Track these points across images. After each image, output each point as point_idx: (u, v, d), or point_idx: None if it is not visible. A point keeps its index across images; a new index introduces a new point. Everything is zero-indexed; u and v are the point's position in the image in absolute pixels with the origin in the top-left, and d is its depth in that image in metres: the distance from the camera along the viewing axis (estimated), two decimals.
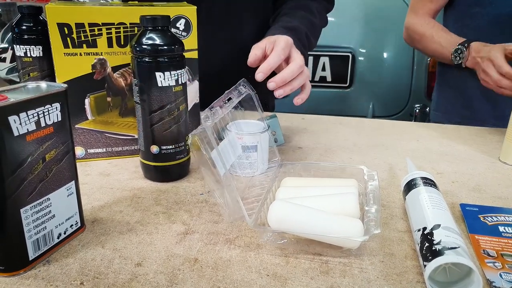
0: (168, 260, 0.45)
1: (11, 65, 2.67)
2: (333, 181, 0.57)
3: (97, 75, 0.66)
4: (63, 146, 0.45)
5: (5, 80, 2.82)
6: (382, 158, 0.74)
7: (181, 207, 0.56)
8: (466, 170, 0.69)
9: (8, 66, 2.66)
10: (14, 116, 0.39)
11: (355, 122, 0.95)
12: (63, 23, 0.62)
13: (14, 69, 2.70)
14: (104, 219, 0.53)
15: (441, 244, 0.40)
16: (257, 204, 0.52)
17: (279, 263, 0.45)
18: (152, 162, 0.62)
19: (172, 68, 0.58)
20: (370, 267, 0.44)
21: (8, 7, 3.01)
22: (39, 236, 0.44)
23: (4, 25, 2.82)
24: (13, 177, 0.40)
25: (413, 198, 0.52)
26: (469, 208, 0.55)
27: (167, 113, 0.59)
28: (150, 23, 0.57)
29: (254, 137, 0.64)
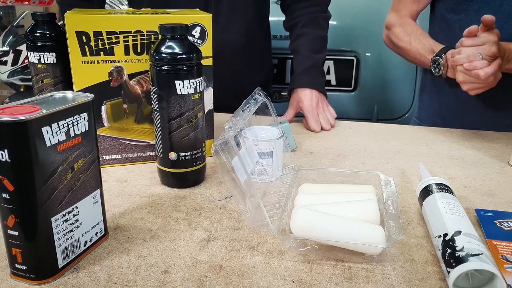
0: (193, 267, 0.46)
1: (12, 68, 2.66)
2: (351, 188, 0.58)
3: (113, 83, 0.67)
4: (89, 155, 0.46)
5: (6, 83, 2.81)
6: (394, 163, 0.75)
7: (201, 213, 0.57)
8: (477, 175, 0.71)
9: (9, 69, 2.65)
10: (47, 127, 0.40)
11: (364, 127, 0.96)
12: (81, 32, 0.63)
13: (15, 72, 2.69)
14: (126, 226, 0.54)
15: (464, 250, 0.41)
16: (277, 211, 0.53)
17: (303, 269, 0.46)
18: (170, 169, 0.63)
19: (191, 77, 0.58)
20: (392, 272, 0.45)
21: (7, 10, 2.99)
22: (68, 244, 0.44)
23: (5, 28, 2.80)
24: (45, 187, 0.40)
25: (430, 204, 0.53)
26: (485, 213, 0.56)
27: (185, 120, 0.60)
28: (170, 32, 0.58)
29: (269, 144, 0.65)
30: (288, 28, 1.04)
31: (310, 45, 0.98)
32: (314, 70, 0.97)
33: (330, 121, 0.93)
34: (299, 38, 0.99)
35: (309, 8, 1.01)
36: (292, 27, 1.02)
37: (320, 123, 0.92)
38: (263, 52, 1.11)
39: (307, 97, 0.94)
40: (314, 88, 0.95)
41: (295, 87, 0.96)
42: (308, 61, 0.96)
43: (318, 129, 0.91)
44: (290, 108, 0.97)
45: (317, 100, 0.94)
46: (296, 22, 1.00)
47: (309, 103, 0.93)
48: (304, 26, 0.99)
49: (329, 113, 0.94)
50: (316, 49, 0.98)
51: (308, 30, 0.99)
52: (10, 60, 2.36)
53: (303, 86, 0.95)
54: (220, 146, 0.49)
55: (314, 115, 0.92)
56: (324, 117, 0.93)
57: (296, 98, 0.96)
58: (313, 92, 0.94)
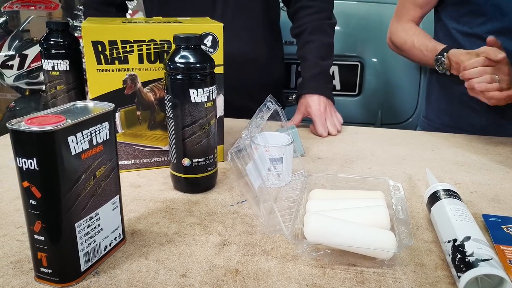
0: (210, 271, 0.47)
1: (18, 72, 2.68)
2: (361, 193, 0.59)
3: (127, 90, 0.69)
4: (110, 163, 0.47)
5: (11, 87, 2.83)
6: (401, 168, 0.77)
7: (214, 218, 0.59)
8: (483, 181, 0.72)
9: (15, 73, 2.67)
10: (72, 136, 0.41)
11: (370, 132, 0.98)
12: (97, 41, 0.65)
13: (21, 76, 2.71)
14: (143, 230, 0.55)
15: (474, 256, 0.43)
16: (289, 217, 0.54)
17: (316, 273, 0.47)
18: (183, 174, 0.64)
19: (204, 85, 0.60)
20: (403, 277, 0.47)
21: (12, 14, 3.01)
22: (90, 249, 0.46)
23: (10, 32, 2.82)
24: (70, 193, 0.42)
25: (438, 210, 0.54)
26: (492, 219, 0.57)
27: (198, 127, 0.61)
28: (184, 42, 0.59)
29: (280, 150, 0.66)
30: (295, 35, 1.06)
31: (317, 52, 0.99)
32: (322, 77, 0.99)
33: (337, 127, 0.95)
34: (306, 45, 1.01)
35: (315, 15, 1.03)
36: (299, 34, 1.04)
37: (327, 128, 0.93)
38: (273, 58, 1.13)
39: (315, 102, 0.95)
40: (322, 94, 0.96)
41: (303, 93, 0.98)
42: (316, 68, 0.98)
43: (325, 134, 0.93)
44: (298, 113, 0.99)
45: (324, 106, 0.95)
46: (303, 29, 1.02)
47: (317, 108, 0.94)
48: (310, 33, 1.01)
49: (336, 119, 0.96)
50: (323, 56, 1.00)
51: (314, 37, 1.00)
52: (16, 64, 2.39)
53: (311, 92, 0.97)
54: (235, 153, 0.50)
55: (322, 120, 0.93)
56: (331, 122, 0.94)
57: (304, 104, 0.97)
58: (321, 98, 0.96)
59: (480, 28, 0.91)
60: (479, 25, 0.91)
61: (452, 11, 0.97)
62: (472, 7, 0.91)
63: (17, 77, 2.42)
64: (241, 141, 0.50)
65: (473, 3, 0.91)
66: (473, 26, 0.92)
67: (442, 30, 1.02)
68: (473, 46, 0.88)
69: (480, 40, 0.91)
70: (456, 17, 0.96)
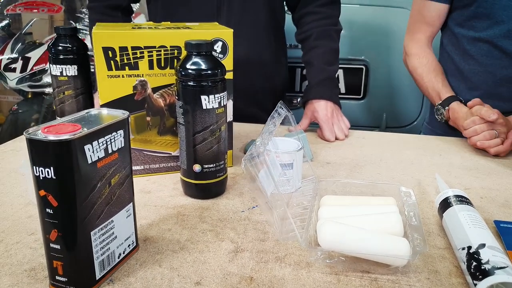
0: (225, 279, 0.47)
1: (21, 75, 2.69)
2: (373, 200, 0.59)
3: (137, 96, 0.69)
4: (124, 170, 0.47)
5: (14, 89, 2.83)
6: (409, 173, 0.77)
7: (226, 224, 0.59)
8: (492, 186, 0.72)
9: (18, 76, 2.67)
10: (89, 145, 0.41)
11: (378, 136, 0.98)
12: (107, 47, 0.65)
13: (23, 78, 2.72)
14: (155, 237, 0.55)
15: (490, 263, 0.43)
16: (301, 224, 0.54)
17: (331, 281, 0.47)
18: (194, 180, 0.64)
19: (215, 91, 0.60)
20: (417, 284, 0.47)
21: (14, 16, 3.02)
22: (104, 257, 0.46)
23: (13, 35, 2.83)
24: (86, 202, 0.42)
25: (451, 216, 0.54)
26: (504, 225, 0.57)
27: (209, 133, 0.62)
28: (195, 48, 0.59)
29: (290, 155, 0.66)
30: (300, 41, 1.06)
31: (323, 58, 1.00)
32: (328, 82, 0.99)
33: (345, 131, 0.95)
34: (312, 51, 1.01)
35: (321, 21, 1.03)
36: (305, 40, 1.04)
37: (334, 133, 0.93)
38: (277, 62, 1.13)
39: (322, 107, 0.96)
40: (329, 100, 0.97)
41: (310, 98, 0.98)
42: (322, 73, 0.98)
43: (333, 139, 0.93)
44: (305, 118, 0.99)
45: (331, 111, 0.95)
46: (308, 35, 1.02)
47: (324, 113, 0.95)
48: (317, 38, 1.01)
49: (343, 123, 0.96)
50: (330, 62, 1.00)
51: (321, 43, 1.01)
52: (19, 67, 2.39)
53: (318, 98, 0.97)
54: (249, 160, 0.50)
55: (329, 125, 0.93)
56: (338, 127, 0.94)
57: (311, 109, 0.98)
58: (328, 103, 0.96)
59: (485, 32, 0.91)
60: (484, 29, 0.92)
61: (457, 16, 0.97)
62: (477, 10, 0.91)
63: (19, 80, 2.43)
64: (255, 149, 0.51)
65: (478, 6, 0.91)
66: (478, 30, 0.93)
67: (447, 36, 1.02)
68: (478, 51, 0.88)
69: (486, 44, 0.91)
70: (461, 22, 0.96)
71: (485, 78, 0.94)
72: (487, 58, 0.93)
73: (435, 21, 1.01)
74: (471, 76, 0.96)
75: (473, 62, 0.95)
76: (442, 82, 0.96)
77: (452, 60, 1.00)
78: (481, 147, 0.83)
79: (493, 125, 0.82)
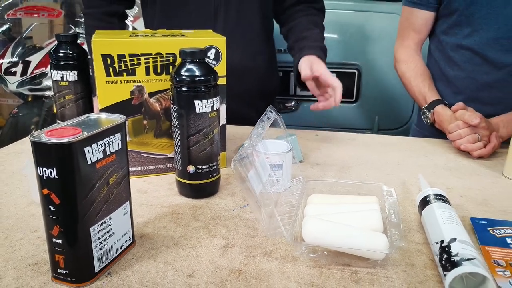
0: (215, 272, 0.51)
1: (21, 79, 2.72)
2: (356, 198, 0.63)
3: (135, 101, 0.72)
4: (121, 171, 0.51)
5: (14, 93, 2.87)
6: (395, 174, 0.80)
7: (218, 222, 0.62)
8: (473, 185, 0.76)
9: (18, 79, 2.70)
10: (88, 147, 0.45)
11: (367, 138, 1.01)
12: (106, 55, 0.68)
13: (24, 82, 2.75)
14: (151, 234, 0.59)
15: (459, 256, 0.46)
16: (288, 221, 0.58)
17: (314, 273, 0.51)
18: (188, 181, 0.68)
19: (208, 96, 0.64)
20: (394, 276, 0.50)
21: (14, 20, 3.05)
22: (103, 251, 0.49)
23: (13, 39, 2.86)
24: (85, 200, 0.45)
25: (429, 213, 0.58)
26: (479, 221, 0.61)
27: (203, 136, 0.65)
28: (189, 56, 0.63)
29: (279, 157, 0.70)
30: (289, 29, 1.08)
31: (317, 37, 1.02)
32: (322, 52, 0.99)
33: None
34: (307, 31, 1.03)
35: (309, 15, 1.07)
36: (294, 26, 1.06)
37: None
38: (270, 68, 1.17)
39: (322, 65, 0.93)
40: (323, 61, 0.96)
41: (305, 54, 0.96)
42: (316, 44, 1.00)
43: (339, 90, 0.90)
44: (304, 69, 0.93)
45: None
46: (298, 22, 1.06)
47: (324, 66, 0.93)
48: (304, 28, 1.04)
49: None
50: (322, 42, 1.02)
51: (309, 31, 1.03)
52: (19, 71, 2.42)
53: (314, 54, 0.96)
54: (238, 161, 0.54)
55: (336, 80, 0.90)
56: None
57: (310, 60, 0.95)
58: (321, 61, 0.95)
59: (467, 39, 0.95)
60: (466, 37, 0.96)
61: (442, 24, 1.01)
62: (459, 18, 0.95)
63: (20, 83, 2.46)
64: (244, 150, 0.54)
65: (460, 14, 0.95)
66: (460, 37, 0.97)
67: (434, 42, 1.06)
68: (461, 58, 0.92)
69: (468, 51, 0.95)
70: (445, 29, 1.00)
71: (468, 83, 0.98)
72: (469, 65, 0.97)
73: (422, 28, 1.04)
74: (455, 81, 1.00)
75: (456, 68, 0.99)
76: (429, 87, 1.00)
77: (439, 66, 1.04)
78: (465, 150, 0.87)
79: (476, 129, 0.85)
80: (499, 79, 0.94)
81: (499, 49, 0.92)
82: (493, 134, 0.86)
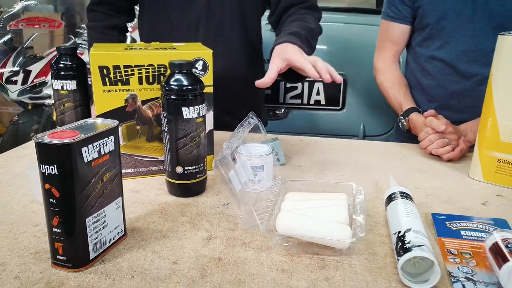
0: (197, 259, 0.57)
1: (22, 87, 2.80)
2: (328, 195, 0.69)
3: (129, 108, 0.79)
4: (114, 170, 0.57)
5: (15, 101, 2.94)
6: (369, 175, 0.87)
7: (203, 217, 0.68)
8: (440, 185, 0.82)
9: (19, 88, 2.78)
10: (85, 147, 0.51)
11: (347, 143, 1.08)
12: (103, 66, 0.75)
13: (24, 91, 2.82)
14: (141, 228, 0.65)
15: (410, 243, 0.52)
16: (266, 215, 0.64)
17: (285, 260, 0.57)
18: (177, 181, 0.74)
19: (195, 103, 0.70)
20: (357, 263, 0.56)
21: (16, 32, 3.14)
22: (97, 241, 0.55)
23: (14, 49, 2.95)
24: (82, 194, 0.52)
25: (392, 208, 0.64)
26: (439, 216, 0.67)
27: (190, 140, 0.71)
28: (178, 67, 0.70)
29: (261, 159, 0.76)
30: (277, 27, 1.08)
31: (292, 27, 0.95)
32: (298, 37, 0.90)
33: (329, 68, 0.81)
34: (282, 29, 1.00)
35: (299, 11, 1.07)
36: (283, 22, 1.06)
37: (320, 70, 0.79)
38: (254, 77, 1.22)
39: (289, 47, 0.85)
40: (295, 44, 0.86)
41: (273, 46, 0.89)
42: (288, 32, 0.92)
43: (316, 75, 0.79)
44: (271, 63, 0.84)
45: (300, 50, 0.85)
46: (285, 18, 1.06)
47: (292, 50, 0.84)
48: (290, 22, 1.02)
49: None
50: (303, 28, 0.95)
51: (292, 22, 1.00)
52: (20, 80, 2.49)
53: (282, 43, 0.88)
54: (219, 161, 0.60)
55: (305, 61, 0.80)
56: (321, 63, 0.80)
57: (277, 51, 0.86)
58: (295, 46, 0.86)
59: (438, 51, 1.03)
60: (437, 49, 1.03)
61: (417, 36, 1.09)
62: (431, 32, 1.03)
63: (20, 92, 2.53)
64: (223, 151, 0.60)
65: (431, 28, 1.02)
66: (432, 49, 1.04)
67: (411, 54, 1.14)
68: (434, 68, 1.00)
69: (440, 62, 1.02)
70: (419, 42, 1.08)
71: (440, 91, 1.06)
72: (441, 74, 1.04)
73: (399, 40, 1.12)
74: (428, 90, 1.08)
75: (430, 77, 1.07)
76: (404, 95, 1.07)
77: (414, 75, 1.11)
78: (436, 154, 0.94)
79: (443, 134, 0.92)
80: (468, 88, 1.02)
81: (467, 61, 1.00)
82: (461, 139, 0.93)
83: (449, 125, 0.93)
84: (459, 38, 1.00)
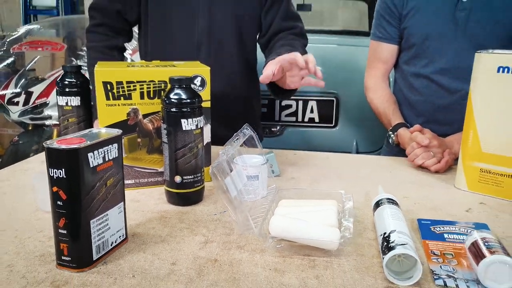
0: (195, 261, 0.60)
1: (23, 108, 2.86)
2: (318, 202, 0.73)
3: (130, 121, 0.83)
4: (117, 175, 0.61)
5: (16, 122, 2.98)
6: (360, 186, 0.90)
7: (200, 224, 0.72)
8: (427, 195, 0.86)
9: (20, 109, 2.84)
10: (91, 153, 0.55)
11: (340, 157, 1.12)
12: (106, 81, 0.80)
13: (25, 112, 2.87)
14: (141, 233, 0.68)
15: (394, 242, 0.56)
16: (260, 219, 0.67)
17: (278, 261, 0.60)
18: (175, 190, 0.78)
19: (193, 116, 0.75)
20: (346, 263, 0.60)
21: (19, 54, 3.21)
22: (100, 243, 0.59)
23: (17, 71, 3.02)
24: (87, 197, 0.55)
25: (379, 212, 0.68)
26: (424, 221, 0.71)
27: (188, 150, 0.76)
28: (177, 82, 0.75)
29: (256, 169, 0.80)
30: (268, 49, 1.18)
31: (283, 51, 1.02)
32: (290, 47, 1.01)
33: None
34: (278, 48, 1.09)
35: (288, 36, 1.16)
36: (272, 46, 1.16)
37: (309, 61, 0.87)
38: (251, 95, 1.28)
39: None
40: None
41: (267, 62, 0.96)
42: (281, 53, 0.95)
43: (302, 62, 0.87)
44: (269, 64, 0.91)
45: None
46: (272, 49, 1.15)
47: None
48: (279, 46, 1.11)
49: None
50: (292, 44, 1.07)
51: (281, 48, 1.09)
52: (22, 101, 2.55)
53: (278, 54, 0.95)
54: (216, 168, 0.64)
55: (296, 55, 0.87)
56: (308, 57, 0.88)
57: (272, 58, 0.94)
58: None
59: (424, 69, 1.09)
60: (423, 67, 1.09)
61: (404, 55, 1.15)
62: (416, 51, 1.09)
63: (21, 113, 2.57)
64: (219, 158, 0.65)
65: (417, 48, 1.09)
66: (418, 67, 1.10)
67: (398, 72, 1.20)
68: (420, 85, 1.05)
69: (425, 79, 1.08)
70: (406, 60, 1.14)
71: (426, 106, 1.11)
72: (427, 90, 1.10)
73: (388, 59, 1.18)
74: (416, 105, 1.13)
75: (416, 93, 1.12)
76: (393, 111, 1.12)
77: (402, 92, 1.17)
78: (423, 166, 0.98)
79: (428, 148, 0.97)
80: (452, 102, 1.07)
81: (451, 77, 1.06)
82: (446, 151, 0.97)
83: (434, 138, 0.97)
84: (443, 56, 1.06)
